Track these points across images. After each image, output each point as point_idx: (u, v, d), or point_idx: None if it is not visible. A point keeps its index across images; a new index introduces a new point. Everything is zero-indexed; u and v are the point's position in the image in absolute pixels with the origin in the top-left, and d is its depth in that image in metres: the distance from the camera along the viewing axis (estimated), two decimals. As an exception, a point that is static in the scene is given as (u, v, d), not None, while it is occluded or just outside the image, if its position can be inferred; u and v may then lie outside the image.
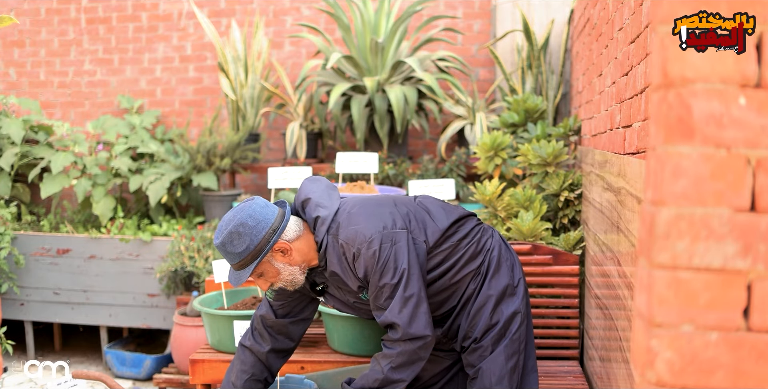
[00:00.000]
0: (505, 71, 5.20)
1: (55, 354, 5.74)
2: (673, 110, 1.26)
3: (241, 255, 2.60)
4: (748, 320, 1.25)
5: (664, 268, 1.27)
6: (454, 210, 2.88)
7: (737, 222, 1.24)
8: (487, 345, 2.77)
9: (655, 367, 1.28)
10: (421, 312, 2.60)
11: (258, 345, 2.93)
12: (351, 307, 2.86)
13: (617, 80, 2.79)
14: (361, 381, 2.70)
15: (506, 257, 2.87)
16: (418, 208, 2.80)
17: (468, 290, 2.81)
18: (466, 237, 2.81)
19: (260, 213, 2.61)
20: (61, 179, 5.49)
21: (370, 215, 2.67)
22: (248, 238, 2.58)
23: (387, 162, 5.18)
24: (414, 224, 2.71)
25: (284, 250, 2.65)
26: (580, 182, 4.06)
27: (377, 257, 2.58)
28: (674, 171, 1.25)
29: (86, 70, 6.43)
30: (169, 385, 4.67)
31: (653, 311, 1.28)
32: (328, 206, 2.72)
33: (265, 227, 2.60)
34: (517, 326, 2.80)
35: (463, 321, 2.82)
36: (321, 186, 2.82)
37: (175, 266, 4.88)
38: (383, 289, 2.60)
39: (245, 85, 5.64)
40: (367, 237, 2.60)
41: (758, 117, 1.23)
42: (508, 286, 2.82)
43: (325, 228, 2.67)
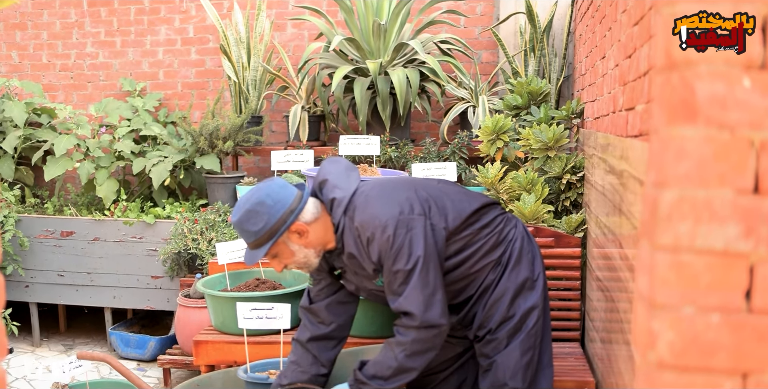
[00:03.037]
0: (507, 54, 5.19)
1: (59, 335, 5.77)
2: (676, 91, 1.26)
3: (257, 234, 2.59)
4: (749, 302, 1.26)
5: (666, 250, 1.27)
6: (478, 197, 2.83)
7: (740, 204, 1.24)
8: (502, 337, 2.75)
9: (656, 348, 1.28)
10: (437, 299, 2.57)
11: (301, 334, 2.93)
12: (368, 293, 2.83)
13: (620, 63, 2.79)
14: (373, 368, 2.67)
15: (528, 249, 2.83)
16: (439, 193, 2.74)
17: (486, 280, 2.77)
18: (487, 226, 2.76)
19: (278, 193, 2.61)
20: (64, 161, 5.49)
21: (388, 199, 2.63)
22: (265, 217, 2.57)
23: (389, 145, 5.18)
24: (434, 210, 2.65)
25: (301, 232, 2.64)
26: (582, 165, 4.06)
27: (391, 242, 2.54)
28: (677, 153, 1.26)
29: (88, 53, 6.42)
30: (173, 366, 4.69)
31: (655, 292, 1.28)
32: (345, 187, 2.69)
33: (282, 207, 2.59)
34: (534, 321, 2.76)
35: (479, 311, 2.79)
36: (340, 167, 2.79)
37: (179, 248, 4.89)
38: (397, 275, 2.56)
39: (247, 67, 5.63)
40: (382, 222, 2.56)
41: (762, 99, 1.23)
42: (527, 279, 2.78)
43: (341, 210, 2.65)
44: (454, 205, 2.71)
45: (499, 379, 2.75)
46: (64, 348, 5.45)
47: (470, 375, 3.06)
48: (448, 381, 3.07)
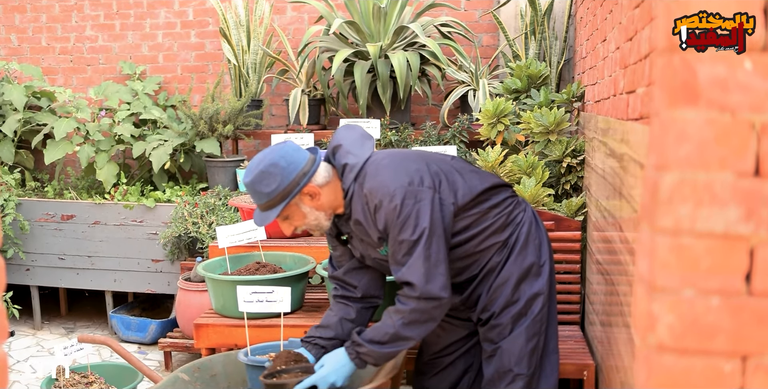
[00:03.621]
0: (508, 37, 5.17)
1: (60, 318, 5.79)
2: (678, 74, 1.26)
3: (270, 195, 2.60)
4: (749, 285, 1.26)
5: (667, 233, 1.27)
6: (489, 177, 2.82)
7: (740, 187, 1.24)
8: (506, 322, 2.75)
9: (656, 331, 1.29)
10: (439, 272, 2.56)
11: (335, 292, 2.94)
12: (372, 261, 2.83)
13: (621, 45, 2.78)
14: (371, 332, 2.68)
15: (535, 235, 2.81)
16: (451, 169, 2.73)
17: (491, 261, 2.76)
18: (497, 207, 2.75)
19: (292, 155, 2.61)
20: (64, 145, 5.49)
21: (398, 168, 2.62)
22: (278, 178, 2.58)
23: (389, 128, 5.17)
24: (444, 185, 2.64)
25: (313, 194, 2.65)
26: (583, 148, 4.06)
27: (398, 211, 2.53)
28: (678, 136, 1.25)
29: (87, 36, 6.40)
30: (174, 349, 4.71)
31: (655, 275, 1.28)
32: (358, 154, 2.69)
33: (296, 169, 2.60)
34: (539, 307, 2.76)
35: (483, 293, 2.78)
36: (355, 134, 2.78)
37: (179, 231, 4.90)
38: (402, 245, 2.56)
39: (247, 51, 5.61)
40: (390, 191, 2.55)
41: (764, 81, 1.23)
42: (533, 265, 2.77)
43: (352, 176, 2.65)
44: (465, 182, 2.70)
45: (504, 365, 2.75)
46: (65, 331, 5.47)
47: (476, 360, 3.06)
48: (454, 366, 3.07)
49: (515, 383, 2.75)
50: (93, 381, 3.47)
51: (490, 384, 2.81)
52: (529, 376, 2.75)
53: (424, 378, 3.12)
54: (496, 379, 2.78)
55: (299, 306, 3.65)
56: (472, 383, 3.08)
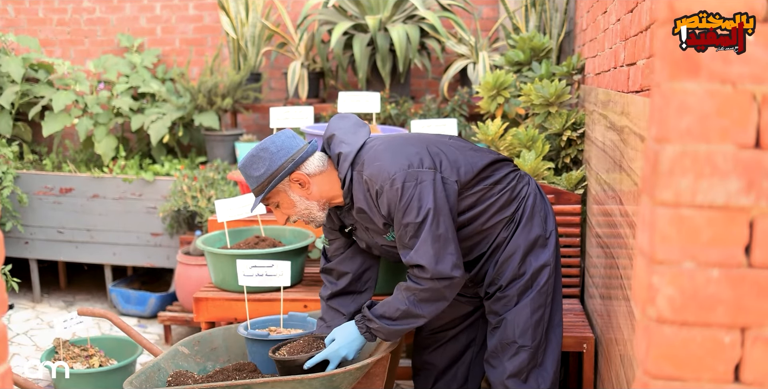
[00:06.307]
0: (508, 9, 5.13)
1: (60, 291, 5.80)
2: (679, 45, 1.24)
3: (258, 179, 2.64)
4: (749, 256, 1.26)
5: (667, 205, 1.27)
6: (489, 153, 2.81)
7: (741, 159, 1.23)
8: (512, 295, 2.74)
9: (656, 304, 1.28)
10: (449, 252, 2.55)
11: (323, 291, 2.98)
12: (379, 250, 2.83)
13: (622, 17, 2.76)
14: (382, 308, 2.68)
15: (540, 207, 2.80)
16: (450, 148, 2.72)
17: (499, 237, 2.75)
18: (500, 182, 2.74)
19: (284, 142, 2.65)
20: (62, 117, 5.47)
21: (396, 152, 2.62)
22: (266, 163, 2.62)
23: (389, 102, 5.15)
24: (446, 164, 2.63)
25: (302, 182, 2.66)
26: (583, 121, 4.05)
27: (400, 194, 2.53)
28: (679, 108, 1.24)
29: (85, 8, 6.35)
30: (173, 323, 4.73)
31: (655, 248, 1.28)
32: (352, 142, 2.69)
33: (285, 155, 2.63)
34: (545, 279, 2.75)
35: (490, 268, 2.78)
36: (348, 123, 2.80)
37: (178, 205, 4.90)
38: (407, 228, 2.55)
39: (246, 23, 5.58)
40: (390, 175, 2.55)
41: (766, 52, 1.22)
42: (539, 237, 2.76)
43: (347, 164, 2.65)
44: (465, 159, 2.70)
45: (508, 336, 2.75)
46: (65, 305, 5.49)
47: (479, 334, 3.07)
48: (457, 339, 3.08)
49: (519, 355, 2.74)
50: (93, 354, 3.48)
51: (492, 355, 2.81)
52: (533, 348, 2.75)
53: (425, 353, 3.12)
54: (499, 350, 2.78)
55: (299, 280, 3.66)
56: (475, 357, 3.09)
